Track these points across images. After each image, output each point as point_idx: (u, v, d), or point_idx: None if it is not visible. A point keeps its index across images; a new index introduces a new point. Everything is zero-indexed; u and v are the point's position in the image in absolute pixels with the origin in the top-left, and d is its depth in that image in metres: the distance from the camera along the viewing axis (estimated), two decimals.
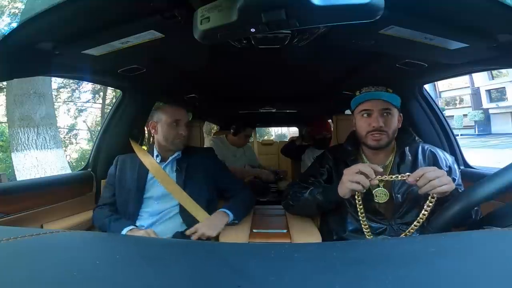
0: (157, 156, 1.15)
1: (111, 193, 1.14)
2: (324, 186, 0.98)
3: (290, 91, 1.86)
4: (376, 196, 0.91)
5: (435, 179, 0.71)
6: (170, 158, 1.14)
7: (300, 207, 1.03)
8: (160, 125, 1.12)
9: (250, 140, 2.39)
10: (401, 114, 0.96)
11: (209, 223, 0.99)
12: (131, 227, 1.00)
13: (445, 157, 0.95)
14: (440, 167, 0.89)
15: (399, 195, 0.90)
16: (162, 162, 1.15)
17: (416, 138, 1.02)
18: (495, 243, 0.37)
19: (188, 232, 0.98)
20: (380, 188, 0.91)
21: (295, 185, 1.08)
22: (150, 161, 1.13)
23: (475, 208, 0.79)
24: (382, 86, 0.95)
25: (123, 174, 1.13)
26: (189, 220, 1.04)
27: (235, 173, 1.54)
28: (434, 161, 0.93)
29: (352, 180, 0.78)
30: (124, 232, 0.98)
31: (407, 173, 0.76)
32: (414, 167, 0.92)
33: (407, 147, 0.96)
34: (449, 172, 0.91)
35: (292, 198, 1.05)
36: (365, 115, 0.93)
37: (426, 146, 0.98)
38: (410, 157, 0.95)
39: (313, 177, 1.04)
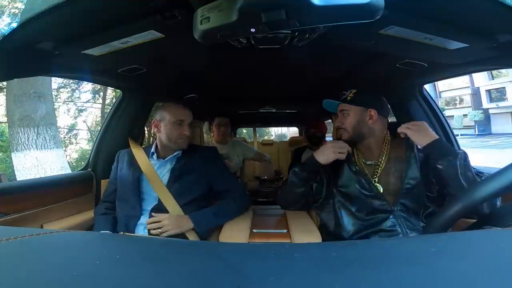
0: (152, 153, 1.15)
1: (111, 189, 1.17)
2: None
3: (290, 91, 1.86)
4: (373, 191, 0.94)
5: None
6: (169, 157, 1.14)
7: (286, 194, 1.09)
8: (163, 124, 1.11)
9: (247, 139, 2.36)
10: (370, 110, 0.98)
11: (177, 222, 1.00)
12: (105, 232, 1.03)
13: None
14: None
15: (392, 189, 0.93)
16: (160, 159, 1.15)
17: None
18: (495, 243, 0.37)
19: (151, 221, 1.01)
20: (373, 183, 0.95)
21: (285, 181, 1.15)
22: (143, 159, 1.13)
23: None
24: (379, 87, 1.01)
25: (123, 170, 1.15)
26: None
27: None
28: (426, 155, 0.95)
29: (338, 151, 0.95)
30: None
31: None
32: (407, 163, 0.94)
33: (402, 145, 0.98)
34: None
35: (281, 189, 1.12)
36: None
37: None
38: (403, 154, 0.97)
39: None
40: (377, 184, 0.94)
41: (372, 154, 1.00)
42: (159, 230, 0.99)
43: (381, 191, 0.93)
